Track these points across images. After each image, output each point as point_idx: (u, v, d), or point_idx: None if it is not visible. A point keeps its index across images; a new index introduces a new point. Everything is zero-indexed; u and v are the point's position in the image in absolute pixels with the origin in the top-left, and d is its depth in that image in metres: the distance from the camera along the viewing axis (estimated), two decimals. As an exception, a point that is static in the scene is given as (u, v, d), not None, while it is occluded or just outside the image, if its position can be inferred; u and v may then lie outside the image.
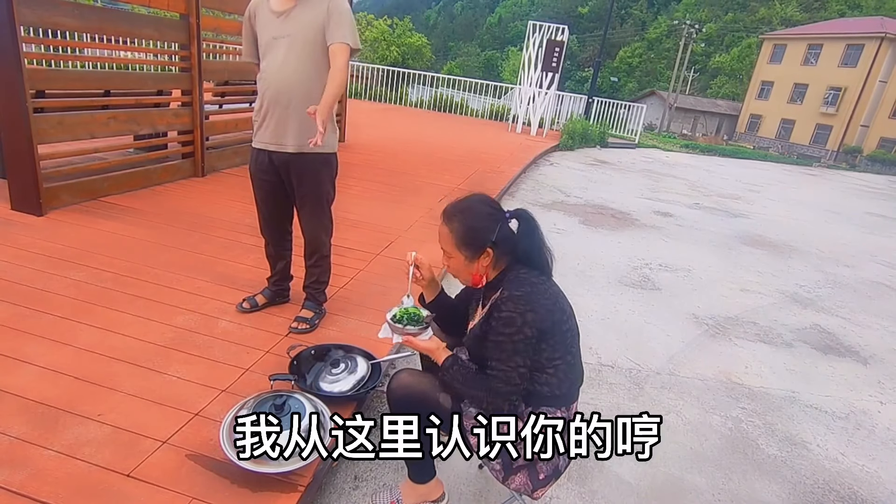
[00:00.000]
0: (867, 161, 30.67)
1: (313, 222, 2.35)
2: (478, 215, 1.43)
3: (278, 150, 2.20)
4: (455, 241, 1.43)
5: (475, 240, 1.41)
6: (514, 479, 1.43)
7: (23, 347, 1.98)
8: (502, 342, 1.33)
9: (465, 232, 1.41)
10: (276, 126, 2.17)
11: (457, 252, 1.44)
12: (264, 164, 2.25)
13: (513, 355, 1.32)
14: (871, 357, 3.37)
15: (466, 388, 1.39)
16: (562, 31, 10.61)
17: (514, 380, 1.32)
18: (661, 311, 3.58)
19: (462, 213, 1.44)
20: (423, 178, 5.83)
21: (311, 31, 2.09)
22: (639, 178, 9.03)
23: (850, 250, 6.08)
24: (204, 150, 4.49)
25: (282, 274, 2.53)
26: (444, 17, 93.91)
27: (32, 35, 3.99)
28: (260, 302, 2.49)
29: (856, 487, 2.14)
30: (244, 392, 1.87)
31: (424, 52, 30.11)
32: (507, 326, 1.32)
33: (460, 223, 1.42)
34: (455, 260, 1.46)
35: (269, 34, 2.11)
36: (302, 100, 2.10)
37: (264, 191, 2.32)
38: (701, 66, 50.24)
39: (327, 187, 2.31)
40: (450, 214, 1.45)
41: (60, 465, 1.51)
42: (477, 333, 1.45)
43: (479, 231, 1.41)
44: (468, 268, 1.45)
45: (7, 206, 3.24)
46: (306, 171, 2.23)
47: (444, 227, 1.45)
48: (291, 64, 2.10)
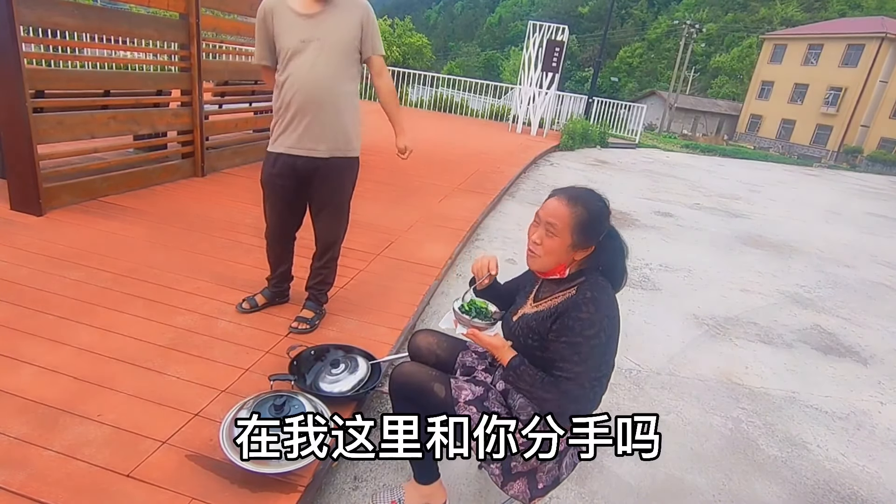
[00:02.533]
0: (867, 161, 30.67)
1: (333, 225, 2.34)
2: (601, 211, 1.39)
3: (308, 154, 2.16)
4: (572, 224, 1.36)
5: (592, 231, 1.38)
6: (512, 485, 1.43)
7: (22, 347, 1.98)
8: (579, 343, 1.29)
9: (587, 220, 1.36)
10: (306, 131, 2.13)
11: (567, 235, 1.37)
12: (285, 170, 2.19)
13: (587, 358, 1.29)
14: (872, 357, 3.37)
15: (535, 390, 1.33)
16: (562, 31, 10.61)
17: (585, 383, 1.28)
18: (662, 311, 3.58)
19: (588, 202, 1.38)
20: (423, 178, 5.83)
21: (342, 36, 2.09)
22: (639, 178, 9.02)
23: (850, 250, 6.07)
24: (204, 150, 4.49)
25: (283, 276, 2.51)
26: (444, 17, 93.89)
27: (32, 35, 4.00)
28: (260, 302, 2.48)
29: (856, 488, 2.14)
30: (244, 392, 1.87)
31: (425, 52, 30.10)
32: (587, 328, 1.29)
33: (585, 210, 1.37)
34: (558, 241, 1.38)
35: (295, 37, 2.06)
36: (332, 104, 2.11)
37: (279, 196, 2.27)
38: (701, 66, 50.25)
39: (350, 191, 2.33)
40: (574, 197, 1.39)
41: (60, 466, 1.51)
42: (532, 325, 1.42)
43: (599, 226, 1.39)
44: (565, 253, 1.38)
45: (6, 206, 3.24)
46: (333, 176, 2.23)
47: (564, 206, 1.37)
48: (322, 68, 2.07)
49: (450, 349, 1.72)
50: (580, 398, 1.28)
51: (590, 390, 1.29)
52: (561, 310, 1.36)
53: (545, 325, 1.38)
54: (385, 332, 2.49)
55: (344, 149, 2.23)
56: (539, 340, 1.41)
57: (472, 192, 5.56)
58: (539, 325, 1.41)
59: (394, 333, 2.49)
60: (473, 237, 4.37)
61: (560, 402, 1.29)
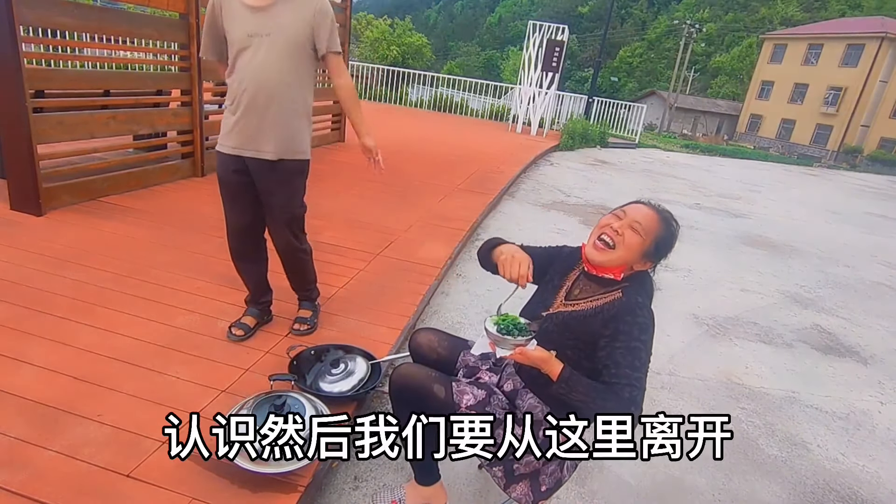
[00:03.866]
0: (867, 161, 30.67)
1: (283, 227, 2.18)
2: (675, 236, 1.44)
3: (254, 156, 2.02)
4: (656, 232, 1.40)
5: (665, 249, 1.42)
6: (515, 487, 1.42)
7: (23, 347, 1.98)
8: (637, 349, 1.27)
9: (668, 237, 1.41)
10: (253, 130, 1.99)
11: (649, 240, 1.39)
12: (233, 169, 2.06)
13: (645, 363, 1.28)
14: (871, 357, 3.37)
15: (592, 400, 1.24)
16: (562, 30, 10.62)
17: (644, 387, 1.25)
18: (662, 311, 3.55)
19: (672, 222, 1.44)
20: (423, 178, 5.83)
21: (294, 31, 1.96)
22: (639, 178, 9.02)
23: (850, 250, 6.07)
24: (203, 150, 4.49)
25: (262, 288, 2.36)
26: (444, 16, 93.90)
27: (32, 35, 4.00)
28: (251, 324, 2.31)
29: (856, 487, 2.14)
30: (244, 392, 1.87)
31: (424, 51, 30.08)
32: (643, 332, 1.29)
33: (669, 228, 1.42)
34: (639, 240, 1.38)
35: (242, 30, 1.93)
36: (283, 103, 1.99)
37: (239, 193, 2.10)
38: (701, 66, 50.24)
39: (301, 194, 2.19)
40: (664, 212, 1.44)
41: (60, 466, 1.51)
42: (569, 324, 1.40)
43: (670, 247, 1.43)
44: (638, 255, 1.40)
45: (6, 206, 3.24)
46: (282, 179, 2.09)
47: (655, 214, 1.41)
48: (273, 64, 1.94)
49: (451, 348, 1.71)
50: (641, 402, 1.24)
51: (644, 393, 1.27)
52: (612, 313, 1.33)
53: (589, 327, 1.35)
54: (385, 331, 2.49)
55: (292, 151, 2.08)
56: (575, 340, 1.37)
57: (472, 191, 5.56)
58: (579, 325, 1.37)
59: (394, 333, 2.49)
60: (473, 237, 4.37)
61: (626, 409, 1.22)
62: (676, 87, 38.35)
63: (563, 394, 1.28)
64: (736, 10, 54.02)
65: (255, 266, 2.32)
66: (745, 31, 50.60)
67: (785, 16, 48.31)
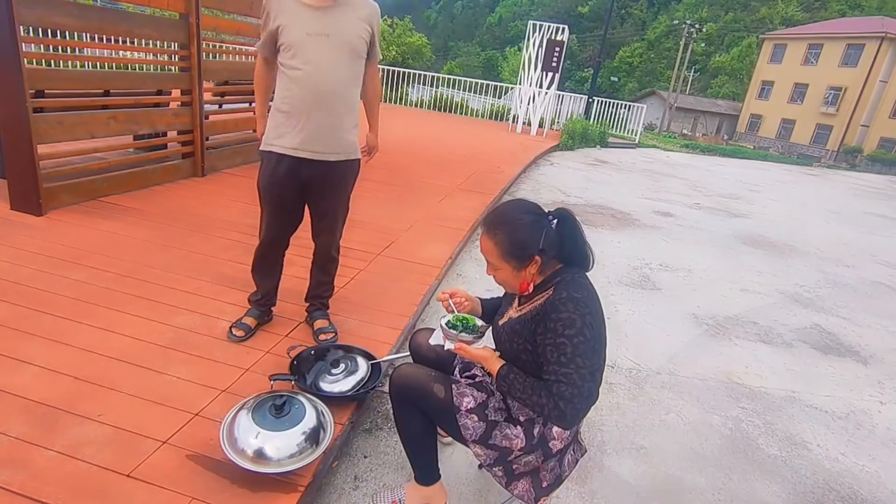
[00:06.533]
0: (867, 161, 30.67)
1: (334, 230, 2.23)
2: (522, 225, 1.38)
3: (316, 157, 2.00)
4: (500, 253, 1.38)
5: (522, 250, 1.36)
6: (516, 485, 1.43)
7: (23, 347, 1.98)
8: (562, 344, 1.28)
9: (510, 244, 1.37)
10: (316, 132, 1.97)
11: (504, 264, 1.39)
12: (288, 172, 2.02)
13: (574, 357, 1.27)
14: (871, 357, 3.37)
15: (528, 396, 1.32)
16: (562, 30, 10.62)
17: (576, 382, 1.26)
18: (661, 310, 3.58)
19: (505, 224, 1.39)
20: (423, 177, 5.84)
21: (352, 34, 1.96)
22: (639, 177, 9.02)
23: (850, 250, 6.07)
24: (204, 150, 4.49)
25: (272, 294, 2.35)
26: (444, 16, 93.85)
27: (32, 35, 4.00)
28: (252, 325, 2.29)
29: (856, 487, 2.14)
30: (244, 392, 1.87)
31: (424, 51, 30.02)
32: (567, 328, 1.28)
33: (505, 235, 1.38)
34: (502, 271, 1.41)
35: (301, 28, 1.89)
36: (344, 106, 2.01)
37: (279, 203, 2.08)
38: (701, 65, 50.24)
39: (350, 193, 2.23)
40: (493, 226, 1.40)
41: (60, 466, 1.51)
42: (516, 329, 1.42)
43: (525, 241, 1.36)
44: (517, 277, 1.40)
45: (7, 206, 3.24)
46: (338, 180, 2.12)
47: (487, 239, 1.40)
48: (336, 66, 1.94)
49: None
50: (574, 397, 1.26)
51: (582, 387, 1.27)
52: (542, 312, 1.35)
53: (529, 329, 1.38)
54: (385, 331, 2.49)
55: (349, 151, 2.12)
56: (524, 344, 1.40)
57: (473, 191, 5.56)
58: (523, 328, 1.40)
59: (394, 333, 2.49)
60: (473, 237, 4.37)
61: (556, 404, 1.27)
62: (676, 87, 38.35)
63: (504, 390, 1.39)
64: (736, 10, 54.01)
65: (273, 281, 2.34)
66: (745, 31, 50.59)
67: (785, 16, 48.31)
